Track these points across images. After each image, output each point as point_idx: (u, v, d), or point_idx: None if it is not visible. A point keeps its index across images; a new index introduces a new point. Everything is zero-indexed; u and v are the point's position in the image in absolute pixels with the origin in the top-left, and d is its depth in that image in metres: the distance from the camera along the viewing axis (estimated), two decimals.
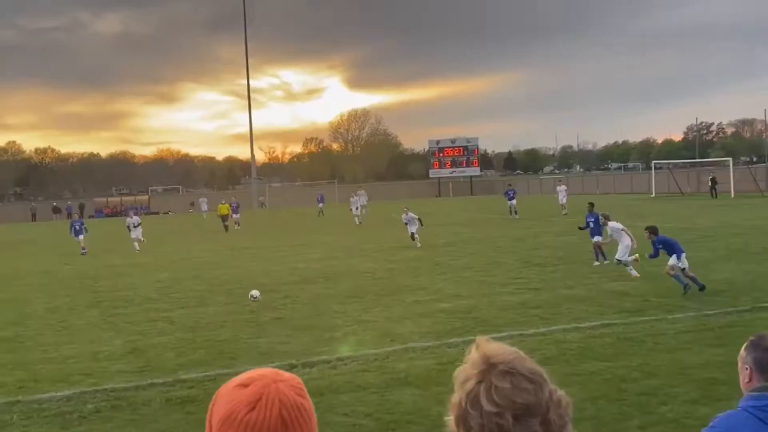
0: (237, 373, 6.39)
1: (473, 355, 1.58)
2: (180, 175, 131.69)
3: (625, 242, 18.86)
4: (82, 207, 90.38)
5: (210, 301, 18.49)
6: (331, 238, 36.21)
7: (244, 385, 1.59)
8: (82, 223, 35.66)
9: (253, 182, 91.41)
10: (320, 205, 61.47)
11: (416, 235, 29.45)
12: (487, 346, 1.58)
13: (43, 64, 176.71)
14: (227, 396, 1.59)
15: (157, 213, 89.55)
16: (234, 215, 48.99)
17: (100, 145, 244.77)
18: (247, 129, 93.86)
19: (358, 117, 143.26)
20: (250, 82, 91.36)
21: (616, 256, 18.97)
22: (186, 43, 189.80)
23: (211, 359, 12.20)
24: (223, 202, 49.66)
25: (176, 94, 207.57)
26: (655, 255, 16.62)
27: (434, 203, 75.33)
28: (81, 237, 34.63)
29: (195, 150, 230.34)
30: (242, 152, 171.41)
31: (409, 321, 14.64)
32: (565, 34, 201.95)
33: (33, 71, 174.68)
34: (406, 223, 30.16)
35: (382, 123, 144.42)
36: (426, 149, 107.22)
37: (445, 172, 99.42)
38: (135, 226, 34.78)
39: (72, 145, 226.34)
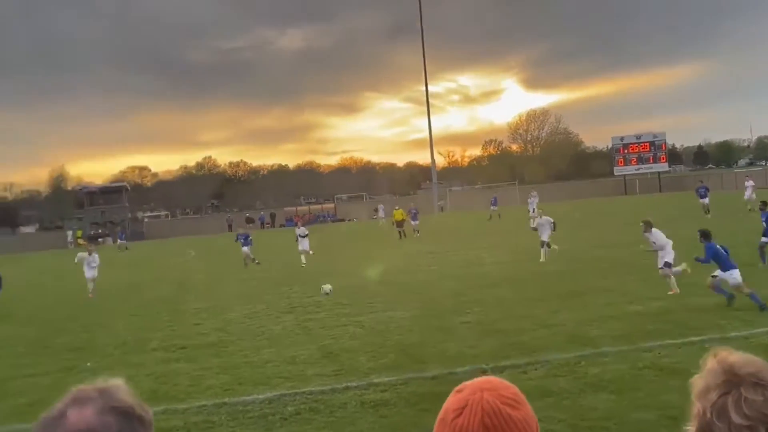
0: (428, 378, 6.53)
1: (712, 365, 1.54)
2: (363, 183, 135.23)
3: (669, 248, 17.61)
4: (273, 216, 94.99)
5: (398, 305, 18.84)
6: (513, 241, 35.88)
7: (459, 391, 1.69)
8: (248, 236, 36.02)
9: (434, 187, 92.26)
10: (493, 208, 60.50)
11: (547, 246, 25.98)
12: (729, 356, 1.54)
13: (234, 82, 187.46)
14: (448, 399, 1.70)
15: (343, 220, 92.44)
16: (413, 222, 47.94)
17: (288, 156, 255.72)
18: (426, 134, 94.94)
19: (537, 117, 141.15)
20: (428, 88, 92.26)
21: (666, 259, 17.45)
22: (365, 53, 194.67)
23: (401, 363, 12.43)
24: (397, 207, 49.08)
25: (357, 103, 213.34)
26: (706, 261, 15.44)
27: (620, 201, 72.86)
28: (247, 249, 35.12)
29: (376, 157, 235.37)
30: (422, 157, 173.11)
31: (599, 324, 14.25)
32: (755, 13, 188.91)
33: (225, 89, 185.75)
34: (535, 229, 27.15)
35: (562, 121, 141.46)
36: (609, 146, 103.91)
37: (631, 169, 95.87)
38: (302, 237, 34.45)
39: (262, 158, 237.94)
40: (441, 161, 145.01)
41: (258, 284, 26.88)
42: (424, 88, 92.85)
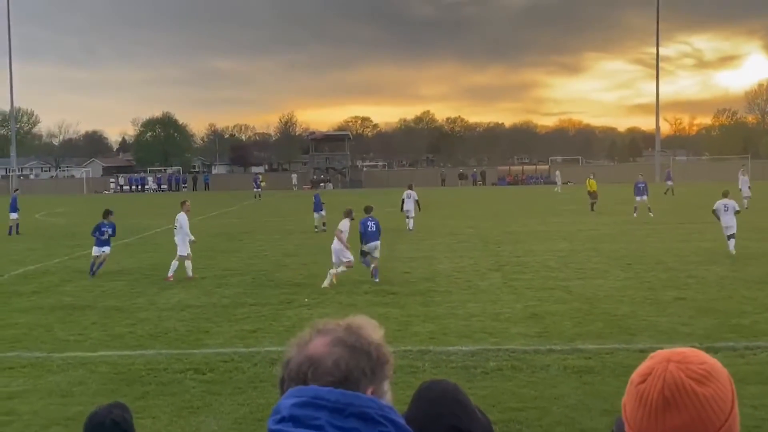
0: (636, 351, 6.44)
1: None
2: (580, 146, 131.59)
3: None
4: (483, 174, 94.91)
5: (608, 274, 18.38)
6: (741, 219, 33.51)
7: (651, 357, 1.70)
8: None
9: (657, 155, 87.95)
10: (668, 182, 56.70)
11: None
12: None
13: (455, 38, 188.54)
14: (643, 363, 1.71)
15: (555, 183, 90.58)
16: (637, 198, 35.98)
17: (504, 114, 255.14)
18: (652, 99, 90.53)
19: None
20: (659, 50, 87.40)
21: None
22: (592, 12, 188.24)
23: (608, 332, 12.19)
24: (592, 177, 41.76)
25: (579, 64, 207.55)
26: None
27: None
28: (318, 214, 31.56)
29: (596, 120, 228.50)
30: (645, 123, 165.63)
31: None
32: None
33: (445, 45, 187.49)
34: (738, 211, 20.85)
35: None
36: None
37: None
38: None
39: (478, 115, 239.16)
40: (666, 128, 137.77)
41: (467, 239, 27.10)
42: (654, 50, 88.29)
